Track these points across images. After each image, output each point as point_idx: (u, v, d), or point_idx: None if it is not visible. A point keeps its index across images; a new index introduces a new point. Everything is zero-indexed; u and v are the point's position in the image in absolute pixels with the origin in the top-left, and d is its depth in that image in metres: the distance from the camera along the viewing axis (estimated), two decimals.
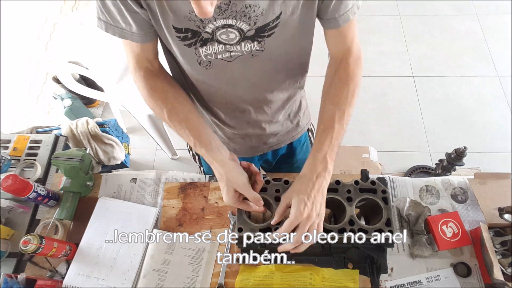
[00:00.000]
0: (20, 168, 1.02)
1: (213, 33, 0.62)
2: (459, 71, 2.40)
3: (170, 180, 0.99)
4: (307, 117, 1.03)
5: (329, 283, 0.80)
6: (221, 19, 0.59)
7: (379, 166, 1.73)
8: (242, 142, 0.95)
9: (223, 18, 0.59)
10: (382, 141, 2.15)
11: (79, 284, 0.84)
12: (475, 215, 0.90)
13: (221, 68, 0.69)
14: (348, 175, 1.10)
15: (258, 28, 0.62)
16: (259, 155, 1.03)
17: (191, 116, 0.72)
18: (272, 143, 0.99)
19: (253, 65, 0.70)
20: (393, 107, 2.29)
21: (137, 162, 2.15)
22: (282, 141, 1.00)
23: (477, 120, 2.19)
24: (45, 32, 2.73)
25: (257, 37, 0.64)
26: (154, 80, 0.73)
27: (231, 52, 0.66)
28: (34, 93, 2.45)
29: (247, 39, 0.64)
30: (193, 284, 0.83)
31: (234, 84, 0.75)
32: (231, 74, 0.72)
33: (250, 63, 0.69)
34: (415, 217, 0.87)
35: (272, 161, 1.09)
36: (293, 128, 0.99)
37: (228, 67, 0.69)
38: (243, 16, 0.59)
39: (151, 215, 0.92)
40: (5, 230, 0.89)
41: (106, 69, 1.85)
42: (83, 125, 1.45)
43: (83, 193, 0.96)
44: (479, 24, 2.59)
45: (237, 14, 0.58)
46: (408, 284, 0.82)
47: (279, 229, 0.67)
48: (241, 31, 0.62)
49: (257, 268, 0.83)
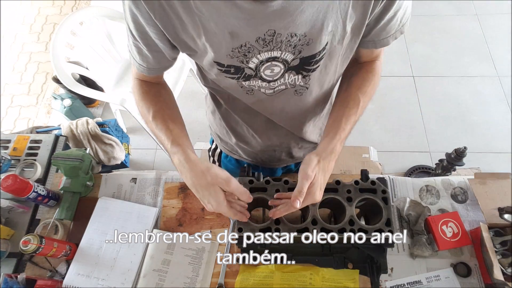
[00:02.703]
0: (20, 168, 1.02)
1: (257, 69, 0.59)
2: (459, 71, 2.40)
3: (170, 180, 0.99)
4: None
5: (329, 283, 0.80)
6: (265, 51, 0.56)
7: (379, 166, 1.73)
8: (273, 154, 0.93)
9: (268, 51, 0.55)
10: (382, 141, 2.15)
11: (79, 284, 0.84)
12: (475, 215, 0.90)
13: (263, 99, 0.68)
14: (348, 175, 1.10)
15: (303, 58, 0.58)
16: (283, 166, 1.02)
17: (177, 120, 0.70)
18: (299, 158, 0.98)
19: (295, 102, 0.69)
20: (393, 107, 2.29)
21: (137, 162, 2.15)
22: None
23: (477, 120, 2.19)
24: (45, 32, 2.73)
25: (302, 69, 0.60)
26: (150, 86, 0.73)
27: (274, 89, 0.65)
28: (34, 93, 2.45)
29: (291, 69, 0.60)
30: (193, 284, 0.83)
31: (271, 113, 0.75)
32: (271, 106, 0.71)
33: (293, 99, 0.68)
34: (415, 217, 0.87)
35: (294, 169, 1.08)
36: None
37: (269, 100, 0.68)
38: (288, 46, 0.55)
39: (151, 215, 0.92)
40: (5, 230, 0.89)
41: (106, 69, 1.85)
42: (83, 125, 1.45)
43: (83, 193, 0.96)
44: (479, 24, 2.59)
45: (282, 45, 0.55)
46: (408, 284, 0.82)
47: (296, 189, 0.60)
48: (285, 63, 0.59)
49: (257, 268, 0.83)
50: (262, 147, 0.88)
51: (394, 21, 0.59)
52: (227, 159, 1.02)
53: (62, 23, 1.54)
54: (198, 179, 0.61)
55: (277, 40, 0.54)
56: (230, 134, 0.87)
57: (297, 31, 0.53)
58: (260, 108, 0.73)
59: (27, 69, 2.57)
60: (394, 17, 0.58)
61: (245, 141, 0.88)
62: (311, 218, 0.72)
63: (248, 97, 0.68)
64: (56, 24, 2.73)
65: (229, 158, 1.01)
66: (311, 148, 0.96)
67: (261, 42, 0.54)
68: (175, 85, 1.83)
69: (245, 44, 0.54)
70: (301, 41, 0.54)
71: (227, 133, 0.88)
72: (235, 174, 0.73)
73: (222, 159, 1.04)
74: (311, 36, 0.54)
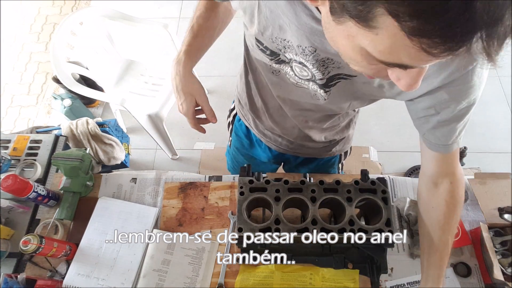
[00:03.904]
0: (20, 168, 1.02)
1: (291, 61, 0.61)
2: None
3: (170, 180, 0.99)
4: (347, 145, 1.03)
5: (329, 283, 0.80)
6: (301, 57, 0.57)
7: (379, 166, 1.74)
8: (277, 138, 0.96)
9: (303, 59, 0.58)
10: (382, 141, 2.15)
11: (79, 284, 0.84)
12: (475, 215, 0.90)
13: (283, 85, 0.70)
14: (348, 175, 1.10)
15: (330, 77, 0.60)
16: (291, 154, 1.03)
17: (206, 35, 0.76)
18: (300, 152, 0.99)
19: (310, 101, 0.71)
20: (393, 107, 2.27)
21: (137, 162, 2.15)
22: (312, 154, 1.01)
23: (477, 120, 2.19)
24: (45, 32, 2.73)
25: (326, 87, 0.63)
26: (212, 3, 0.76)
27: (297, 82, 0.66)
28: (34, 93, 2.45)
29: (316, 84, 0.63)
30: (193, 284, 0.83)
31: (284, 101, 0.77)
32: (288, 93, 0.73)
33: (312, 100, 0.70)
34: (415, 217, 0.87)
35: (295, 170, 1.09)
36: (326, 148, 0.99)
37: (288, 88, 0.70)
38: (321, 66, 0.57)
39: (151, 215, 0.92)
40: (5, 230, 0.89)
41: (106, 69, 1.85)
42: (83, 125, 1.45)
43: (83, 193, 0.96)
44: None
45: (317, 63, 0.57)
46: (408, 284, 0.82)
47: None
48: (313, 76, 0.61)
49: (257, 268, 0.83)
50: (269, 128, 0.92)
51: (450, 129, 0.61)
52: (239, 122, 1.04)
53: (62, 23, 1.54)
54: (183, 86, 0.73)
55: (314, 58, 0.56)
56: (247, 101, 0.90)
57: (333, 57, 0.54)
58: (278, 91, 0.75)
59: (27, 69, 2.56)
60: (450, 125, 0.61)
61: (257, 115, 0.91)
62: (311, 218, 0.72)
63: (271, 76, 0.70)
64: (56, 24, 2.73)
65: (241, 122, 1.02)
66: (312, 148, 0.96)
67: (301, 50, 0.56)
68: None
69: (288, 41, 0.56)
70: (334, 64, 0.56)
71: (245, 99, 0.91)
72: (242, 141, 0.84)
73: (235, 122, 1.06)
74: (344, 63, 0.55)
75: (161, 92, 1.82)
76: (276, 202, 0.73)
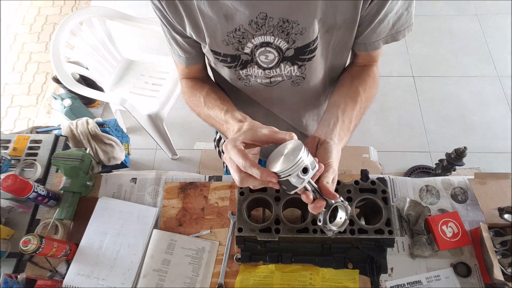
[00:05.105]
0: (20, 168, 1.02)
1: (252, 53, 0.61)
2: (459, 71, 2.40)
3: (170, 180, 0.99)
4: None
5: (329, 283, 0.81)
6: (258, 35, 0.58)
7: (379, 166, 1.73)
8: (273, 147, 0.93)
9: (261, 35, 0.58)
10: (382, 141, 2.15)
11: (79, 284, 0.84)
12: (475, 215, 0.90)
13: (260, 90, 0.70)
14: (348, 175, 1.10)
15: (298, 48, 0.59)
16: None
17: (226, 99, 0.70)
18: None
19: (294, 93, 0.70)
20: (393, 107, 2.29)
21: (137, 162, 2.15)
22: None
23: (477, 120, 2.19)
24: (45, 32, 2.73)
25: (297, 60, 0.62)
26: (195, 81, 0.75)
27: (270, 78, 0.66)
28: (34, 93, 2.45)
29: (287, 60, 0.62)
30: (193, 284, 0.83)
31: (271, 105, 0.76)
32: (269, 97, 0.72)
33: (291, 90, 0.69)
34: (415, 217, 0.87)
35: None
36: None
37: (267, 91, 0.69)
38: (281, 32, 0.57)
39: (151, 215, 0.92)
40: (5, 230, 0.89)
41: (106, 69, 1.85)
42: (83, 125, 1.45)
43: (83, 193, 0.96)
44: (479, 24, 2.59)
45: (275, 30, 0.56)
46: (408, 284, 0.82)
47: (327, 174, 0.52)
48: (279, 50, 0.60)
49: (257, 268, 0.83)
50: None
51: (385, 24, 0.60)
52: None
53: (62, 23, 1.54)
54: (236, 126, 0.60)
55: (269, 24, 0.56)
56: None
57: (288, 16, 0.54)
58: (260, 99, 0.74)
59: (27, 69, 2.57)
60: (385, 20, 0.59)
61: None
62: (311, 218, 0.72)
63: (246, 88, 0.70)
64: (56, 24, 2.73)
65: None
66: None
67: (254, 26, 0.56)
68: (175, 86, 1.83)
69: (239, 28, 0.56)
70: (294, 29, 0.56)
71: None
72: None
73: None
74: (304, 24, 0.55)
75: (161, 92, 1.82)
76: (276, 202, 0.73)
